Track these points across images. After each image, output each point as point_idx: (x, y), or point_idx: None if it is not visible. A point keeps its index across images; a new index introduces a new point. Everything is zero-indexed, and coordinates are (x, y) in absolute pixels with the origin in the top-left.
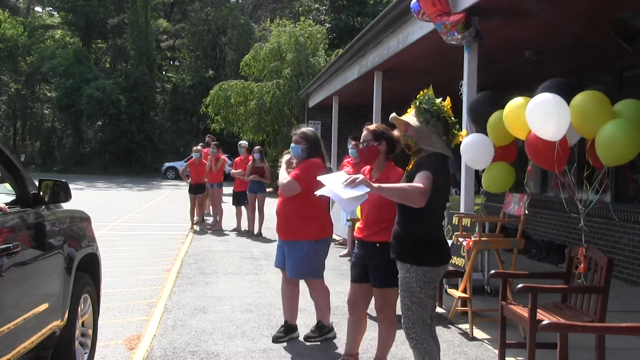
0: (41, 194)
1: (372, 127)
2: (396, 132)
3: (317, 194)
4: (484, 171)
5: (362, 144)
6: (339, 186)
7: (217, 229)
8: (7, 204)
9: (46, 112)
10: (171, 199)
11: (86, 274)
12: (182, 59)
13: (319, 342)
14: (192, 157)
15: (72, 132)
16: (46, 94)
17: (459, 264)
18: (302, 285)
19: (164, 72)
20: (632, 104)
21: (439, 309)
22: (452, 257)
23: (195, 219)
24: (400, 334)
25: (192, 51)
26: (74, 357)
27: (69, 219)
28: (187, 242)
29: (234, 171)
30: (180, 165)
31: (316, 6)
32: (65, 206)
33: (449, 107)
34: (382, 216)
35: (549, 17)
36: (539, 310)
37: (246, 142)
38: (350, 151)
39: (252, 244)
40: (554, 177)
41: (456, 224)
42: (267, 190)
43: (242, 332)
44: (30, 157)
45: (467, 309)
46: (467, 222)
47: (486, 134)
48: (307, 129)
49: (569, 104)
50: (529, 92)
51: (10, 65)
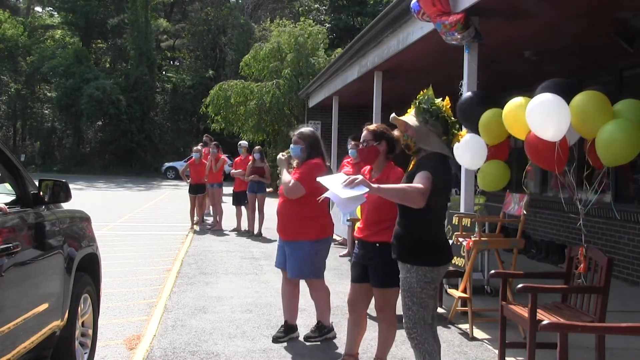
0: (41, 194)
1: (372, 127)
2: (396, 132)
3: (319, 200)
4: (478, 171)
5: (362, 144)
6: (338, 187)
7: (217, 229)
8: (7, 204)
9: (46, 112)
10: (171, 199)
11: (86, 274)
12: (182, 59)
13: (319, 342)
14: (192, 157)
15: (72, 132)
16: (46, 94)
17: (459, 264)
18: (302, 285)
19: (164, 72)
20: (632, 104)
21: (439, 309)
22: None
23: (195, 219)
24: (400, 334)
25: (192, 51)
26: (74, 357)
27: (69, 219)
28: (187, 242)
29: (234, 171)
30: (180, 165)
31: (316, 6)
32: (65, 206)
33: (448, 107)
34: (382, 216)
35: (549, 17)
36: (539, 310)
37: (246, 142)
38: (350, 151)
39: (252, 244)
40: (554, 177)
41: (456, 224)
42: (267, 190)
43: (242, 332)
44: (30, 157)
45: (467, 309)
46: (467, 222)
47: (477, 134)
48: (305, 129)
49: (568, 104)
50: (529, 92)
51: (10, 65)
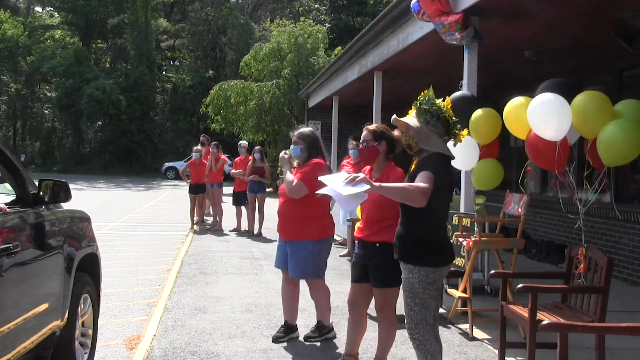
0: (41, 194)
1: (372, 127)
2: (396, 132)
3: (318, 194)
4: (472, 171)
5: (362, 144)
6: (340, 184)
7: (217, 229)
8: (7, 204)
9: (46, 112)
10: (171, 199)
11: (86, 274)
12: (182, 59)
13: (319, 342)
14: (192, 157)
15: (72, 132)
16: (46, 94)
17: (459, 264)
18: (302, 285)
19: (164, 72)
20: (632, 105)
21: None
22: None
23: (195, 219)
24: (400, 334)
25: (192, 51)
26: (74, 357)
27: (69, 219)
28: (187, 242)
29: (234, 171)
30: (180, 165)
31: (316, 6)
32: (65, 206)
33: (449, 107)
34: (382, 216)
35: (549, 17)
36: (539, 310)
37: (246, 142)
38: (350, 151)
39: (252, 244)
40: (554, 176)
41: (456, 224)
42: (267, 190)
43: (242, 332)
44: (30, 157)
45: (467, 309)
46: (467, 222)
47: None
48: (304, 129)
49: (569, 104)
50: (529, 92)
51: (10, 65)
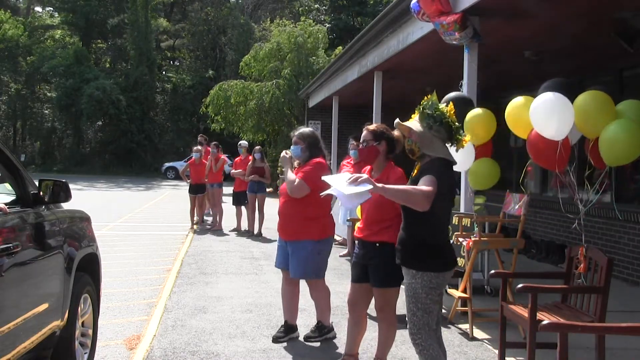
0: (41, 194)
1: (372, 127)
2: (396, 132)
3: (322, 195)
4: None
5: (362, 144)
6: (343, 184)
7: (217, 229)
8: (7, 204)
9: (46, 112)
10: (171, 199)
11: (86, 274)
12: (182, 59)
13: (319, 342)
14: (192, 157)
15: (72, 132)
16: (46, 94)
17: (459, 264)
18: (302, 285)
19: (164, 72)
20: (634, 105)
21: None
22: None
23: (195, 219)
24: (400, 334)
25: (192, 51)
26: (74, 357)
27: (69, 219)
28: (187, 242)
29: (234, 171)
30: (180, 165)
31: (316, 6)
32: (65, 206)
33: (452, 112)
34: (382, 216)
35: (549, 17)
36: (539, 310)
37: (246, 142)
38: (351, 152)
39: (252, 244)
40: (554, 176)
41: (456, 224)
42: (267, 190)
43: (242, 332)
44: (30, 157)
45: (467, 309)
46: (467, 222)
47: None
48: (304, 129)
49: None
50: (529, 92)
51: (10, 65)
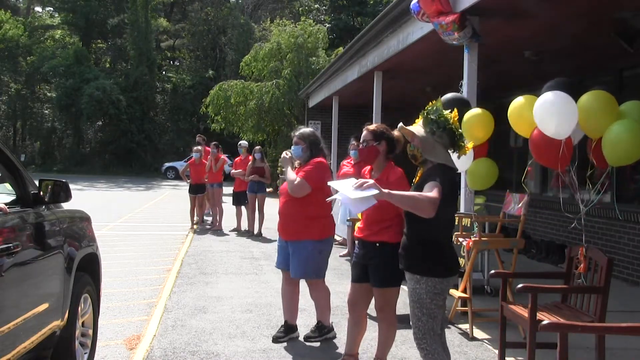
0: (41, 194)
1: (372, 127)
2: (396, 132)
3: (328, 200)
4: (466, 172)
5: (362, 144)
6: (349, 189)
7: (217, 229)
8: (7, 204)
9: (46, 112)
10: (171, 199)
11: (86, 273)
12: (182, 59)
13: (319, 342)
14: (192, 157)
15: (72, 132)
16: (46, 94)
17: (459, 264)
18: (302, 285)
19: (164, 72)
20: (637, 105)
21: None
22: None
23: (195, 219)
24: (400, 334)
25: (192, 51)
26: (74, 357)
27: (69, 219)
28: (187, 242)
29: (234, 171)
30: (180, 165)
31: (316, 6)
32: (65, 206)
33: (456, 119)
34: (382, 216)
35: (549, 17)
36: (539, 310)
37: (246, 142)
38: (351, 152)
39: (252, 244)
40: (554, 176)
41: (456, 224)
42: (267, 190)
43: (242, 332)
44: (30, 157)
45: (467, 309)
46: (467, 222)
47: None
48: (304, 129)
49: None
50: (529, 92)
51: (10, 65)
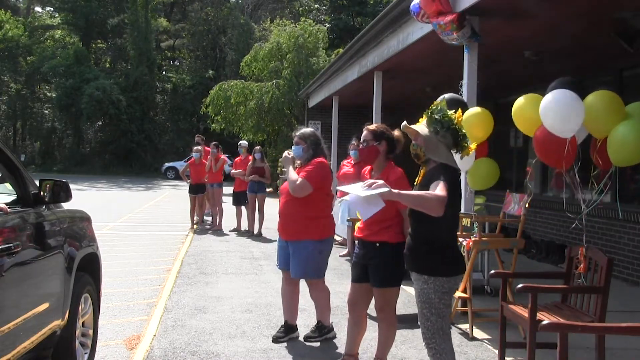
0: (41, 194)
1: (372, 127)
2: (396, 132)
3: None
4: (467, 172)
5: (362, 144)
6: (359, 189)
7: (217, 229)
8: (7, 204)
9: (46, 112)
10: (171, 199)
11: (86, 273)
12: (182, 59)
13: (319, 342)
14: (192, 157)
15: (72, 132)
16: (46, 94)
17: (465, 263)
18: (302, 285)
19: (164, 72)
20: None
21: None
22: None
23: (195, 219)
24: (400, 334)
25: (192, 51)
26: (74, 357)
27: (69, 219)
28: (187, 242)
29: (234, 171)
30: (180, 165)
31: (316, 6)
32: (65, 206)
33: (460, 119)
34: (382, 216)
35: (549, 17)
36: (539, 310)
37: (246, 142)
38: (351, 152)
39: (252, 244)
40: (555, 176)
41: None
42: (267, 190)
43: (242, 332)
44: (30, 157)
45: (467, 309)
46: (467, 222)
47: None
48: (305, 130)
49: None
50: (529, 92)
51: (10, 65)
